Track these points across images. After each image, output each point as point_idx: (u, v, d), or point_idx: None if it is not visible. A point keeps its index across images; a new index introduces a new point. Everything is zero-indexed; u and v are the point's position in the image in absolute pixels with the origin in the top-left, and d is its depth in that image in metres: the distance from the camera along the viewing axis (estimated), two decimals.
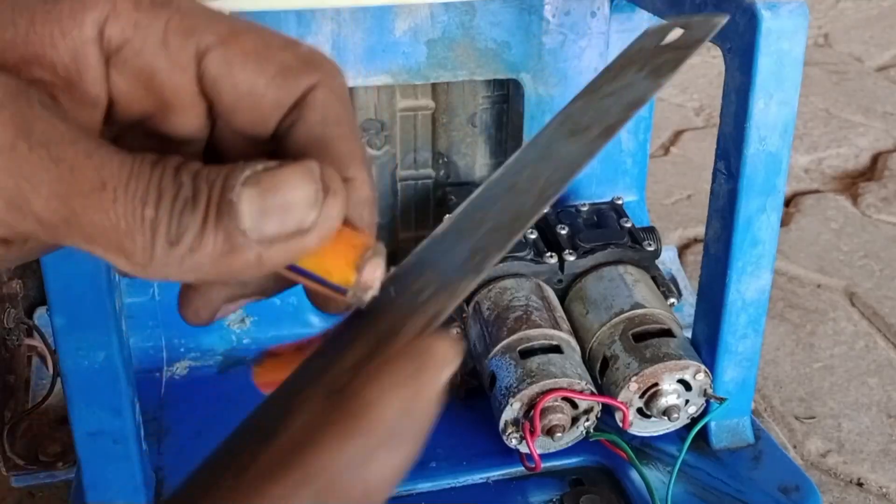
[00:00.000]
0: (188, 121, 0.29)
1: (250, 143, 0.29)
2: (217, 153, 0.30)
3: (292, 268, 0.27)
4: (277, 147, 0.29)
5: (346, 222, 0.27)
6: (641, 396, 0.75)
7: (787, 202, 1.42)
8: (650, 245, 0.85)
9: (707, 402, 0.76)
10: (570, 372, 0.73)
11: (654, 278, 0.85)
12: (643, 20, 0.89)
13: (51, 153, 0.24)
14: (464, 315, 0.83)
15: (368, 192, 0.29)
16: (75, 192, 0.24)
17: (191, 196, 0.24)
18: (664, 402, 0.74)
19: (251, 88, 0.28)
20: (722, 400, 0.75)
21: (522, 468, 0.76)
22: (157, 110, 0.28)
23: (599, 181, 0.97)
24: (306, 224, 0.25)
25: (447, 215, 0.32)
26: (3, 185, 0.24)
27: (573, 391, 0.72)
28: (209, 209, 0.24)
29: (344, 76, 0.29)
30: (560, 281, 0.84)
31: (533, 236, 0.85)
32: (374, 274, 0.27)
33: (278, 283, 0.30)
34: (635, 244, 0.85)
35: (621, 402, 0.74)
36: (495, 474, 0.77)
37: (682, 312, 0.91)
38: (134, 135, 0.29)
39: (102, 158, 0.24)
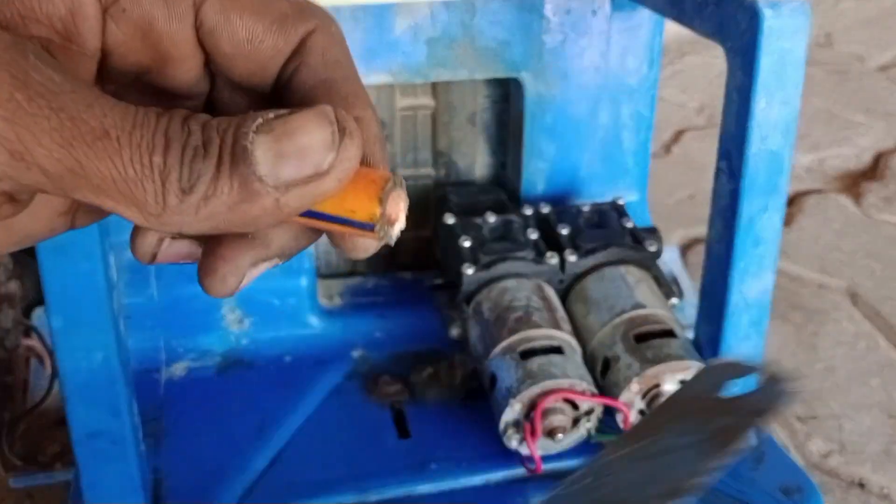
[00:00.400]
0: (186, 73, 0.29)
1: (250, 100, 0.29)
2: (217, 113, 0.30)
3: (315, 214, 0.26)
4: (279, 101, 0.29)
5: (361, 161, 0.27)
6: (643, 397, 0.74)
7: (789, 202, 1.42)
8: (652, 245, 0.85)
9: None
10: (571, 373, 0.73)
11: (655, 279, 0.84)
12: (644, 18, 0.88)
13: (50, 103, 0.24)
14: (464, 315, 0.82)
15: (377, 130, 0.29)
16: (78, 141, 0.24)
17: (201, 144, 0.24)
18: None
19: (249, 36, 0.28)
20: None
21: (523, 470, 0.76)
22: (154, 63, 0.28)
23: (600, 181, 0.97)
24: (324, 166, 0.25)
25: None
26: (5, 135, 0.23)
27: (574, 392, 0.72)
28: (222, 156, 0.24)
29: (339, 24, 0.29)
30: (561, 281, 0.84)
31: (534, 236, 0.85)
32: (399, 206, 0.27)
33: (300, 241, 0.29)
34: (637, 244, 0.85)
35: (623, 404, 0.74)
36: (495, 476, 0.77)
37: (684, 313, 0.91)
38: (132, 92, 0.29)
39: (104, 107, 0.24)
